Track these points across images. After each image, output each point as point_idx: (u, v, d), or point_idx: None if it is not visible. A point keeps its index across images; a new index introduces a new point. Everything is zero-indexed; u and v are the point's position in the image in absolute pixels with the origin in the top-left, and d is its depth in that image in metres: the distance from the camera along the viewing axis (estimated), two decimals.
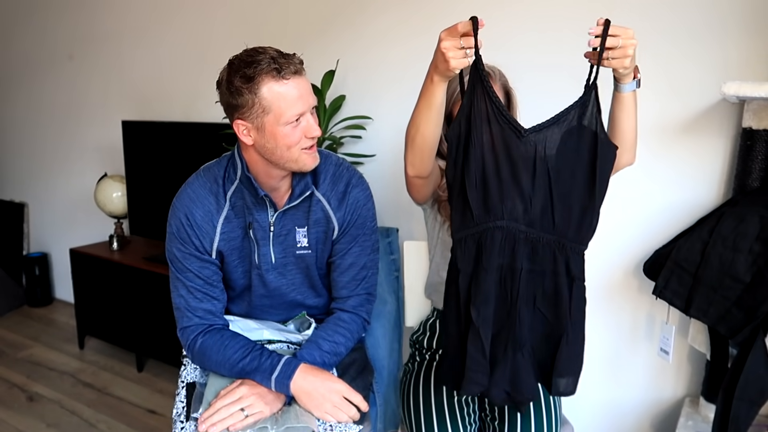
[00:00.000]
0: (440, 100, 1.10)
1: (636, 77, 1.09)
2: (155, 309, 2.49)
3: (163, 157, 2.60)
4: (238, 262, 1.31)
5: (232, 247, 1.29)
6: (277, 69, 1.11)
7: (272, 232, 1.29)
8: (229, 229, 1.27)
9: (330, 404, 1.19)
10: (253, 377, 1.20)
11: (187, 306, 1.28)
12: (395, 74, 2.08)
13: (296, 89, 1.13)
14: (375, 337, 1.57)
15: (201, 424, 1.14)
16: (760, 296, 1.31)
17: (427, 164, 1.23)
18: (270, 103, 1.12)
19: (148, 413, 2.30)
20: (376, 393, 1.54)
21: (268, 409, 1.18)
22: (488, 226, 1.07)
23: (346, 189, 1.30)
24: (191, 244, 1.26)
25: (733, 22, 1.51)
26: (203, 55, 2.61)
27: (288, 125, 1.14)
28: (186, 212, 1.27)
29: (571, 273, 1.10)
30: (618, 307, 1.76)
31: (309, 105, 1.16)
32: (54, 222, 3.47)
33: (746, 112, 1.45)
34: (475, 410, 1.40)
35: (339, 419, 1.20)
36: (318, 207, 1.29)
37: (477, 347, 1.10)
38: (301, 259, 1.32)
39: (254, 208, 1.26)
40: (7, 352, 2.84)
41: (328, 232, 1.31)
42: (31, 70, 3.39)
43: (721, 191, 1.58)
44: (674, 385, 1.72)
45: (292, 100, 1.12)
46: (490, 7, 1.84)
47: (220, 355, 1.23)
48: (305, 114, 1.16)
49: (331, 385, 1.20)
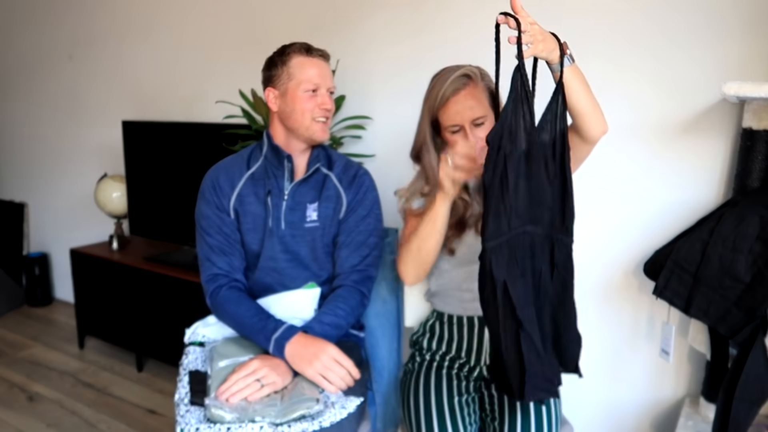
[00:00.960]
0: (444, 219, 1.32)
1: (565, 53, 1.08)
2: (155, 309, 2.49)
3: (163, 157, 2.60)
4: (252, 227, 1.45)
5: (246, 210, 1.45)
6: (306, 48, 1.39)
7: (285, 202, 1.44)
8: (245, 194, 1.45)
9: (321, 364, 1.27)
10: (257, 337, 1.33)
11: (208, 258, 1.45)
12: (395, 74, 2.08)
13: (318, 67, 1.39)
14: (375, 337, 1.57)
15: (220, 396, 1.22)
16: (760, 296, 1.31)
17: (426, 273, 1.41)
18: (295, 71, 1.37)
19: (148, 413, 2.30)
20: (376, 393, 1.55)
21: (281, 380, 1.26)
22: (518, 231, 1.08)
23: (355, 174, 1.49)
24: (213, 203, 1.45)
25: (733, 22, 1.52)
26: (203, 55, 2.61)
27: (306, 92, 1.37)
28: (213, 177, 1.47)
29: (553, 261, 1.12)
30: (618, 307, 1.76)
31: (327, 84, 1.40)
32: (54, 222, 3.47)
33: (746, 112, 1.45)
34: (476, 410, 1.40)
35: (329, 379, 1.27)
36: (331, 185, 1.47)
37: (531, 350, 1.08)
38: (309, 232, 1.45)
39: (275, 177, 1.45)
40: (7, 352, 2.84)
41: (337, 208, 1.46)
42: (32, 71, 3.39)
43: (721, 191, 1.58)
44: (674, 385, 1.72)
45: (313, 73, 1.38)
46: (488, 6, 1.84)
47: (235, 309, 1.39)
48: (321, 89, 1.39)
49: (322, 347, 1.29)
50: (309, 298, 1.43)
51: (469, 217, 1.42)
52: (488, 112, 1.34)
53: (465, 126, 1.33)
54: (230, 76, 2.47)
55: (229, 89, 2.32)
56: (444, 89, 1.32)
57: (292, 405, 1.20)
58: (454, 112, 1.32)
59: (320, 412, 1.21)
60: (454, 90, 1.32)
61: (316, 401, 1.21)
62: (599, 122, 1.18)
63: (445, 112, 1.34)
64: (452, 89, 1.32)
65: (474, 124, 1.33)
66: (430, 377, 1.40)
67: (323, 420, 1.20)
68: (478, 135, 1.32)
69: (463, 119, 1.32)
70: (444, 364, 1.44)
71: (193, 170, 1.43)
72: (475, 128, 1.33)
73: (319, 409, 1.21)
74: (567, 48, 1.08)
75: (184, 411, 1.24)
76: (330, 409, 1.24)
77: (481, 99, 1.33)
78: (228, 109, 2.25)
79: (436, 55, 1.87)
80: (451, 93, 1.32)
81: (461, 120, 1.32)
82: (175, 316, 2.37)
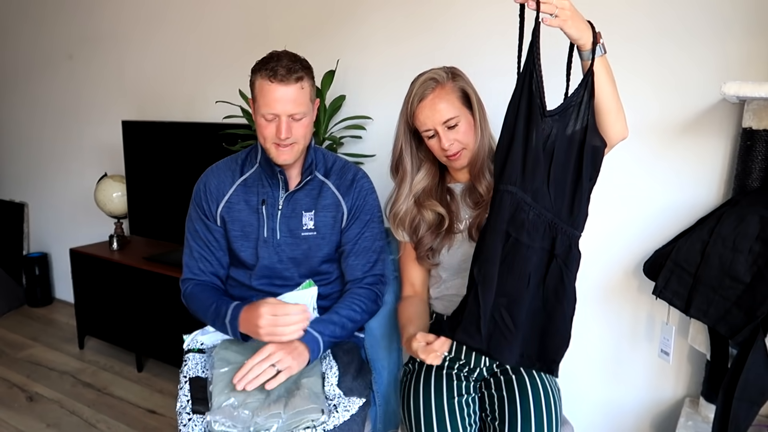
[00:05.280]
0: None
1: (598, 42, 1.08)
2: (155, 309, 2.49)
3: (163, 157, 2.60)
4: (240, 234, 1.44)
5: (234, 218, 1.44)
6: (271, 74, 1.29)
7: (280, 211, 1.42)
8: (235, 201, 1.44)
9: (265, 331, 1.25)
10: (220, 327, 1.36)
11: (187, 262, 1.47)
12: (395, 74, 2.08)
13: (276, 93, 1.29)
14: (375, 337, 1.57)
15: (237, 384, 1.21)
16: (760, 296, 1.31)
17: None
18: (258, 95, 1.33)
19: (148, 413, 2.30)
20: (376, 393, 1.55)
21: (296, 364, 1.25)
22: (499, 188, 1.09)
23: (353, 178, 1.46)
24: (201, 207, 1.45)
25: (733, 22, 1.51)
26: (203, 55, 2.61)
27: (262, 118, 1.33)
28: (205, 181, 1.47)
29: (554, 250, 1.12)
30: (618, 307, 1.76)
31: (285, 111, 1.31)
32: (54, 222, 3.47)
33: (746, 112, 1.45)
34: (476, 411, 1.39)
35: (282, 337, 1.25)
36: (328, 193, 1.44)
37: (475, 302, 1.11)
38: (305, 241, 1.43)
39: (269, 187, 1.43)
40: (7, 352, 2.84)
41: (337, 217, 1.44)
42: (32, 71, 3.39)
43: (721, 191, 1.58)
44: (674, 385, 1.72)
45: (270, 99, 1.30)
46: (488, 7, 1.84)
47: (199, 301, 1.41)
48: (282, 117, 1.31)
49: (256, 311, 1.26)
50: (308, 298, 1.43)
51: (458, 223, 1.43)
52: (461, 112, 1.35)
53: (437, 129, 1.34)
54: (230, 76, 2.46)
55: (229, 89, 2.32)
56: (412, 96, 1.35)
57: (297, 416, 1.19)
58: (425, 117, 1.35)
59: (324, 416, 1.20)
60: (422, 95, 1.34)
61: (321, 412, 1.20)
62: (621, 124, 1.18)
63: (417, 119, 1.36)
64: (419, 94, 1.34)
65: (447, 127, 1.34)
66: (430, 378, 1.40)
67: (327, 424, 1.20)
68: (451, 137, 1.34)
69: (434, 123, 1.34)
70: (444, 364, 1.44)
71: (193, 170, 1.43)
72: (449, 130, 1.35)
73: (325, 420, 1.20)
74: (600, 37, 1.08)
75: (187, 420, 1.23)
76: (333, 413, 1.23)
77: (451, 100, 1.34)
78: (228, 109, 2.25)
79: (436, 56, 1.86)
80: (419, 99, 1.34)
81: (432, 124, 1.34)
82: (175, 317, 2.37)
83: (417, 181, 1.44)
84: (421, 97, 1.34)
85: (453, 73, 1.37)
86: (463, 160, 1.38)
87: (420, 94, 1.34)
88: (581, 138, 1.10)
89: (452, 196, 1.45)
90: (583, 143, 1.11)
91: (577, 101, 1.09)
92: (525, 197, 1.09)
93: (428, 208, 1.42)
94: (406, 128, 1.41)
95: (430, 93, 1.34)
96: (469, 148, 1.37)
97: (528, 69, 1.05)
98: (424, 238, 1.43)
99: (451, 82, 1.35)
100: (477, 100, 1.38)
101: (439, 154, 1.39)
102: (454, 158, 1.37)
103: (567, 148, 1.10)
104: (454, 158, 1.37)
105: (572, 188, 1.12)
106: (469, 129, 1.36)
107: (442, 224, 1.42)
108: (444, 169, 1.48)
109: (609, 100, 1.14)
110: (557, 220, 1.12)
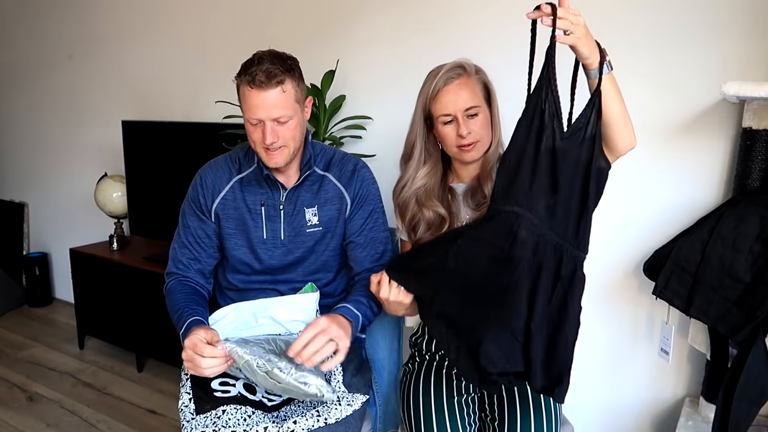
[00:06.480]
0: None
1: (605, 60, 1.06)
2: (155, 309, 2.49)
3: (163, 157, 2.60)
4: (234, 231, 1.43)
5: (229, 215, 1.43)
6: (250, 80, 1.26)
7: (282, 211, 1.41)
8: (230, 198, 1.43)
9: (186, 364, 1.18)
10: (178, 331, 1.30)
11: (173, 255, 1.47)
12: (395, 74, 2.08)
13: (257, 99, 1.27)
14: (375, 337, 1.57)
15: (296, 356, 1.15)
16: (760, 296, 1.31)
17: None
18: (242, 100, 1.31)
19: (148, 413, 2.30)
20: (376, 393, 1.55)
21: (348, 342, 1.21)
22: (504, 209, 1.07)
23: (354, 169, 1.45)
24: (198, 202, 1.44)
25: (733, 22, 1.51)
26: (203, 55, 2.61)
27: (248, 123, 1.32)
28: (202, 175, 1.45)
29: (559, 273, 1.10)
30: (618, 307, 1.76)
31: (268, 116, 1.28)
32: (54, 222, 3.47)
33: (746, 112, 1.45)
34: (475, 411, 1.40)
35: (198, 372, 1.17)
36: (330, 186, 1.43)
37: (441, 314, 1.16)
38: (311, 237, 1.43)
39: (268, 188, 1.42)
40: (7, 352, 2.84)
41: (341, 209, 1.43)
42: (32, 71, 3.39)
43: (721, 191, 1.58)
44: (674, 385, 1.72)
45: (251, 105, 1.28)
46: (489, 7, 1.84)
47: (172, 301, 1.39)
48: (266, 121, 1.28)
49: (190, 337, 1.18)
50: (311, 302, 1.41)
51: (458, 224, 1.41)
52: (482, 104, 1.34)
53: (458, 116, 1.32)
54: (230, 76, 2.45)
55: (229, 89, 2.29)
56: (437, 80, 1.33)
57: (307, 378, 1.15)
58: (447, 101, 1.33)
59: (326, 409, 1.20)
60: (447, 80, 1.33)
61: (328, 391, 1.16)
62: (629, 135, 1.16)
63: (438, 102, 1.34)
64: (445, 79, 1.33)
65: (467, 115, 1.33)
66: (430, 377, 1.40)
67: (329, 417, 1.20)
68: (470, 127, 1.32)
69: (456, 108, 1.32)
70: (444, 364, 1.44)
71: (193, 170, 1.43)
72: (468, 120, 1.33)
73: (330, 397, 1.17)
74: (607, 55, 1.06)
75: (190, 417, 1.23)
76: (336, 405, 1.23)
77: (475, 90, 1.34)
78: (228, 109, 2.25)
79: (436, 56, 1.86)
80: (443, 83, 1.33)
81: (454, 109, 1.32)
82: None
83: (421, 175, 1.42)
84: (447, 82, 1.33)
85: (477, 68, 1.37)
86: (475, 152, 1.36)
87: (445, 79, 1.32)
88: (588, 159, 1.08)
89: (453, 196, 1.44)
90: (590, 165, 1.08)
91: (584, 122, 1.06)
92: (532, 218, 1.07)
93: (429, 208, 1.41)
94: (422, 115, 1.38)
95: (456, 78, 1.33)
96: (483, 141, 1.35)
97: (543, 90, 1.01)
98: (423, 239, 1.43)
99: (476, 74, 1.35)
100: (495, 99, 1.38)
101: (452, 143, 1.36)
102: (467, 149, 1.34)
103: (574, 169, 1.08)
104: (468, 149, 1.34)
105: (578, 210, 1.10)
106: (486, 123, 1.35)
107: (442, 225, 1.41)
108: (446, 167, 1.47)
109: (617, 114, 1.12)
110: (563, 242, 1.10)
